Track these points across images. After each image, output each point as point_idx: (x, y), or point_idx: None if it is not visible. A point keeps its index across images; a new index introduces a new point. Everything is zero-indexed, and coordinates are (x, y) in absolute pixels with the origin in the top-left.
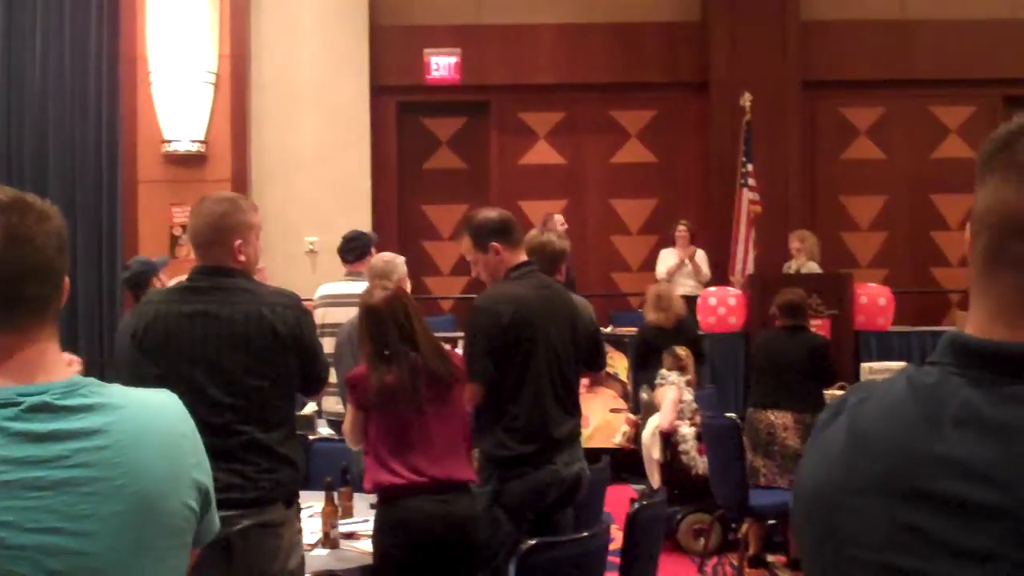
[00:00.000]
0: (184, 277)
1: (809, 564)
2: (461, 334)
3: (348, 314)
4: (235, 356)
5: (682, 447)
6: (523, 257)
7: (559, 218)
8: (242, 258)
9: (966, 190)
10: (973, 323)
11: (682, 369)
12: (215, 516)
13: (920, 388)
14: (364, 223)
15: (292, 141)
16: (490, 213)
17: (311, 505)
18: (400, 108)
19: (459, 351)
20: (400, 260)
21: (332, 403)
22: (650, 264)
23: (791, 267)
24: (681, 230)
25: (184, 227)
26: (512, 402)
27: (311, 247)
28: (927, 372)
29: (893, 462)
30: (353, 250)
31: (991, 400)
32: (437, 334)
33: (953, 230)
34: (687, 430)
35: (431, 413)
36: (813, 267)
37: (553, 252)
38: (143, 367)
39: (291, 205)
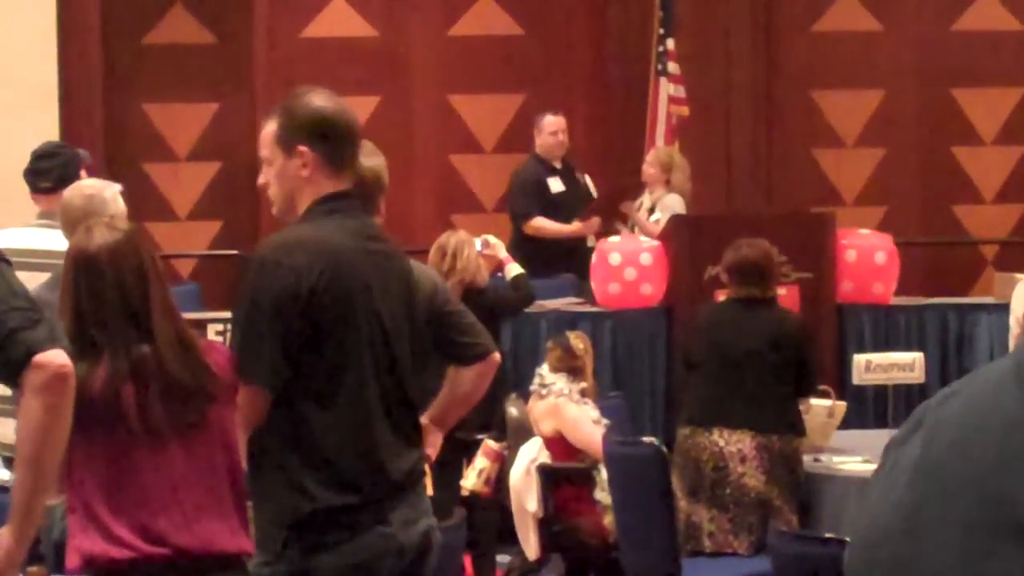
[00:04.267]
0: None
1: None
2: (214, 314)
3: (37, 281)
4: None
5: (598, 494)
6: (344, 186)
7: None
8: None
9: (1007, 81)
10: None
11: (575, 371)
12: None
13: None
14: (49, 134)
15: None
16: (322, 100)
17: None
18: None
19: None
20: (112, 191)
21: (8, 430)
22: None
23: (642, 203)
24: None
25: None
26: (320, 421)
27: None
28: None
29: (988, 483)
30: (48, 172)
31: None
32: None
33: (986, 144)
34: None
35: (175, 444)
36: (674, 203)
37: (363, 180)
38: None
39: None
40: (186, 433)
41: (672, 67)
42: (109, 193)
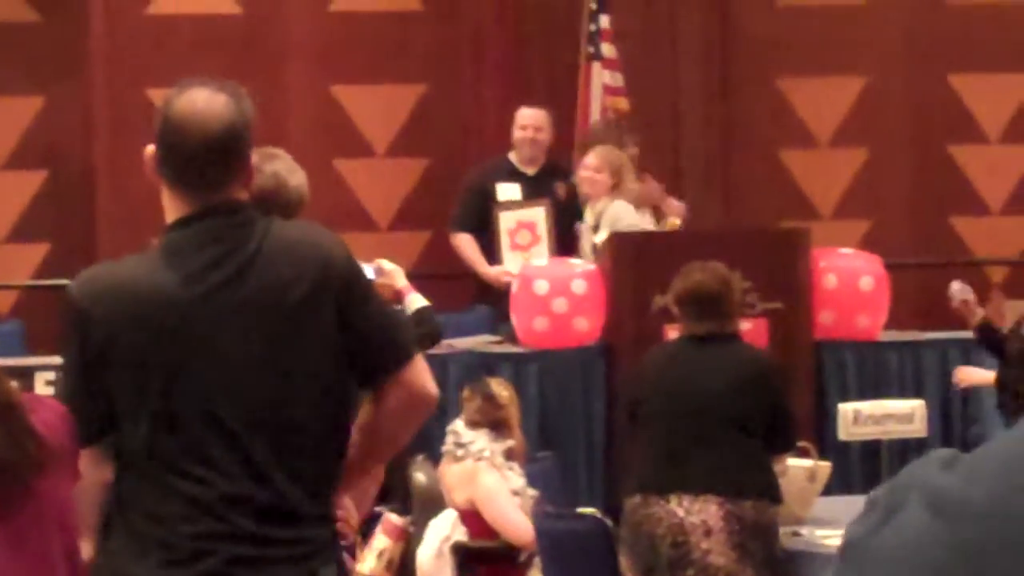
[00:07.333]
0: None
1: None
2: (42, 360)
3: None
4: None
5: None
6: (192, 207)
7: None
8: None
9: (1015, 65)
10: None
11: (498, 426)
12: None
13: None
14: None
15: None
16: (186, 92)
17: None
18: None
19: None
20: None
21: None
22: (425, 216)
23: (587, 220)
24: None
25: None
26: (140, 490)
27: None
28: None
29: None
30: None
31: None
32: None
33: (991, 142)
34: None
35: None
36: (623, 213)
37: (285, 200)
38: None
39: None
40: (6, 512)
41: (607, 49)
42: None
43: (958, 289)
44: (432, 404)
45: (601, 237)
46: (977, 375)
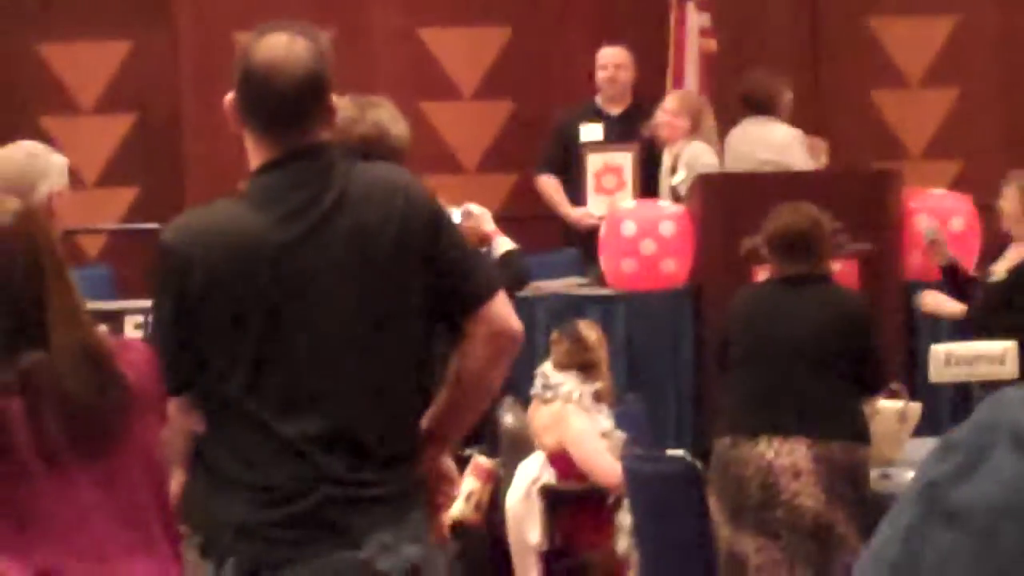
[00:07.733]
0: None
1: None
2: (131, 303)
3: None
4: None
5: (622, 517)
6: (277, 151)
7: None
8: None
9: None
10: None
11: (587, 368)
12: None
13: None
14: None
15: None
16: (267, 38)
17: None
18: None
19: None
20: (54, 161)
21: None
22: (512, 158)
23: (665, 162)
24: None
25: None
26: (233, 435)
27: None
28: None
29: None
30: None
31: None
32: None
33: None
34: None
35: (81, 470)
36: (701, 153)
37: (388, 148)
38: None
39: None
40: (95, 456)
41: None
42: (51, 160)
43: (930, 229)
44: (516, 340)
45: (678, 179)
46: (944, 306)
